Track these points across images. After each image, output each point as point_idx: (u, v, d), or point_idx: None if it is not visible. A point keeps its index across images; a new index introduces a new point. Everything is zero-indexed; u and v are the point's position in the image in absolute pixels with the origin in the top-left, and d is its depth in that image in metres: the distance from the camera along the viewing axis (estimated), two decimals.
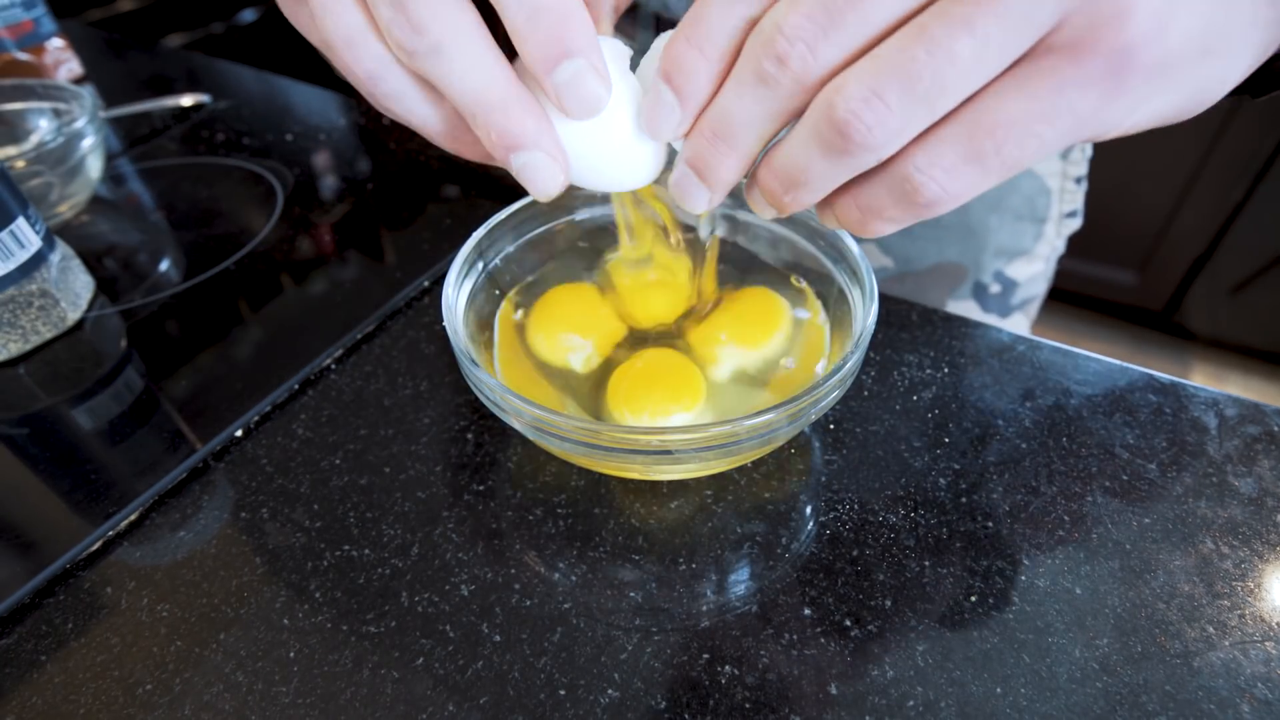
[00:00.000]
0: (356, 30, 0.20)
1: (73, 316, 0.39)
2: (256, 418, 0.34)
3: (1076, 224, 0.55)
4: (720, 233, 0.35)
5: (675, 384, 0.29)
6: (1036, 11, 0.16)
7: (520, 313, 0.33)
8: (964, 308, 0.55)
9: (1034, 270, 0.55)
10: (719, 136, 0.20)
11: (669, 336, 0.32)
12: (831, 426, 0.33)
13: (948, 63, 0.17)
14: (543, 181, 0.22)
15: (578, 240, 0.35)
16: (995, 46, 0.17)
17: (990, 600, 0.26)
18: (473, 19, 0.20)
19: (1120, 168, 1.21)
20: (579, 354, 0.30)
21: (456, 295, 0.29)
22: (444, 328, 0.27)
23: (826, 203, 0.22)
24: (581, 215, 0.35)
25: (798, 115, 0.19)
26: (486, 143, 0.21)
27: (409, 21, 0.19)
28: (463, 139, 0.23)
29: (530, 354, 0.31)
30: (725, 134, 0.20)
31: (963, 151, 0.18)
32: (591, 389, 0.30)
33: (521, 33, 0.20)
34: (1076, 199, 0.54)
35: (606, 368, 0.30)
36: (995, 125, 0.18)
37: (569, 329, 0.30)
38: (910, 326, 0.37)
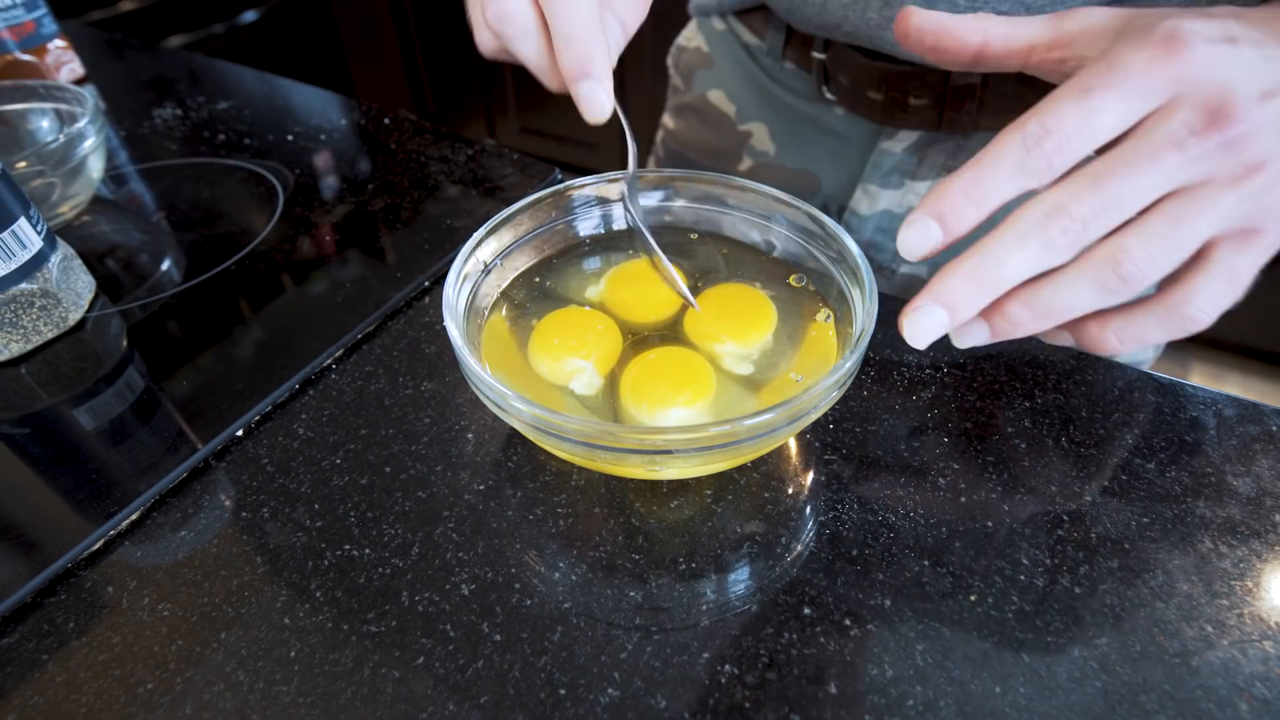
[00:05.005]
0: None
1: (74, 317, 0.39)
2: (257, 417, 0.34)
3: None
4: (720, 232, 0.36)
5: (687, 376, 0.29)
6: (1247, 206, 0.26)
7: (535, 322, 0.33)
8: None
9: None
10: (980, 278, 0.26)
11: (668, 338, 0.32)
12: (831, 426, 0.33)
13: (1193, 235, 0.26)
14: (596, 108, 0.29)
15: (577, 239, 0.36)
16: (1220, 218, 0.26)
17: (990, 600, 0.26)
18: None
19: None
20: (581, 378, 0.30)
21: (456, 295, 0.29)
22: (444, 328, 0.27)
23: (1066, 328, 0.30)
24: (580, 215, 0.35)
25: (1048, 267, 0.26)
26: (562, 67, 0.28)
27: None
28: (548, 69, 0.30)
29: (530, 362, 0.31)
30: (988, 277, 0.26)
31: (1219, 296, 0.27)
32: (599, 398, 0.30)
33: (559, 50, 0.28)
34: None
35: (610, 385, 0.30)
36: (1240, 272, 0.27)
37: (568, 354, 0.30)
38: None
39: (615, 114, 0.30)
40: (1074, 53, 0.29)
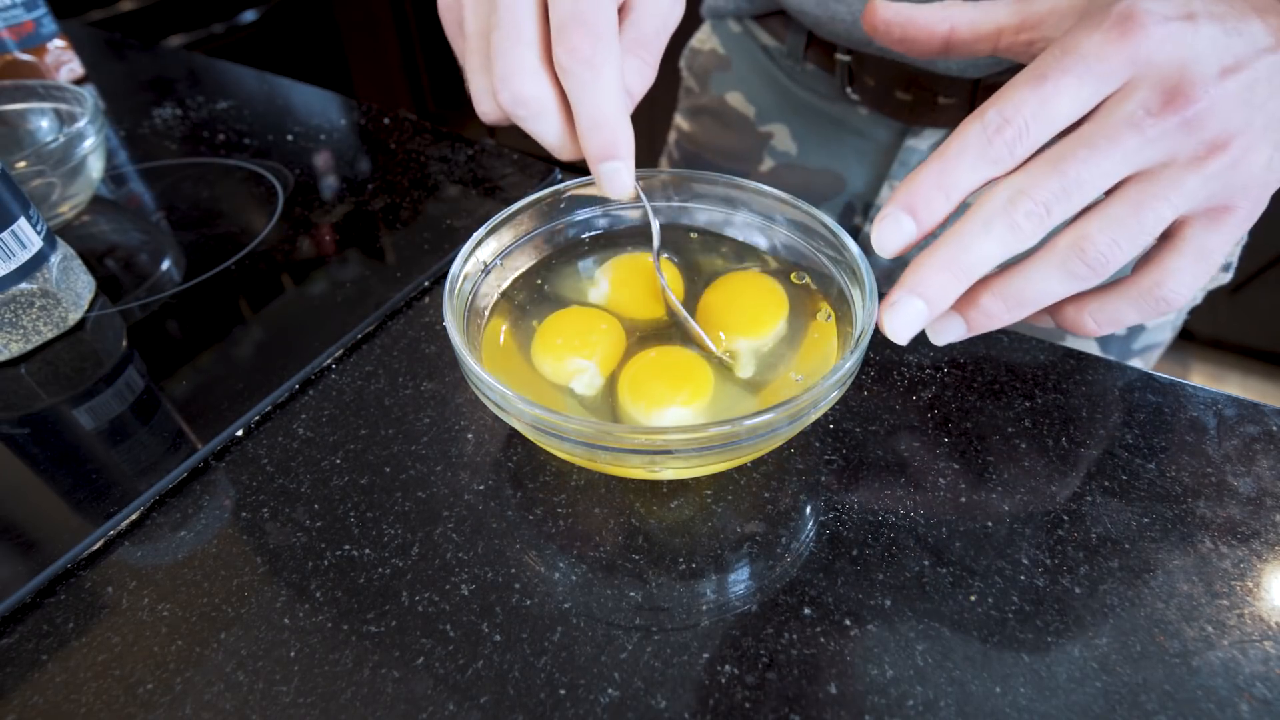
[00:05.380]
0: (529, 59, 0.27)
1: (74, 316, 0.39)
2: (257, 417, 0.34)
3: (1226, 278, 0.50)
4: (721, 233, 0.36)
5: (685, 376, 0.29)
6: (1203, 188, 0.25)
7: (535, 323, 0.33)
8: (1082, 345, 0.52)
9: (1165, 318, 0.51)
10: (953, 266, 0.26)
11: (669, 335, 0.32)
12: (831, 426, 0.33)
13: (1155, 218, 0.25)
14: (620, 188, 0.29)
15: (577, 239, 0.36)
16: (1184, 199, 0.25)
17: (990, 600, 0.26)
18: (617, 56, 0.26)
19: None
20: (582, 378, 0.30)
21: (456, 295, 0.29)
22: (444, 327, 0.27)
23: (1046, 311, 0.30)
24: (580, 216, 0.35)
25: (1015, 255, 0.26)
26: (587, 149, 0.28)
27: (577, 41, 0.26)
28: (568, 148, 0.29)
29: (530, 361, 0.31)
30: (960, 264, 0.26)
31: (1191, 278, 0.27)
32: (599, 398, 0.30)
33: (585, 133, 0.27)
34: (1234, 250, 0.49)
35: (610, 385, 0.30)
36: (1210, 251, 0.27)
37: (570, 354, 0.30)
38: None
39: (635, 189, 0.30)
40: (1042, 34, 0.29)
